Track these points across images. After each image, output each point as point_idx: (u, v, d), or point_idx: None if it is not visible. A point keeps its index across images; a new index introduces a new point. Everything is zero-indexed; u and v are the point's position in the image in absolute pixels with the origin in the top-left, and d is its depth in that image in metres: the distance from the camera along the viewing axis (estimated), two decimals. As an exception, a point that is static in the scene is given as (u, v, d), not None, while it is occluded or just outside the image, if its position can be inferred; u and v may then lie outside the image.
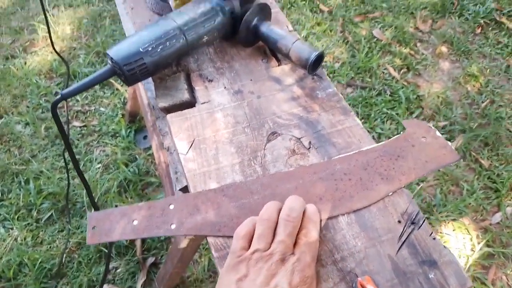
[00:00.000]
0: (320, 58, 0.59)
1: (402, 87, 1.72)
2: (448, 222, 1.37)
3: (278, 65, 0.64)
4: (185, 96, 0.59)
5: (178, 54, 0.59)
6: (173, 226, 0.47)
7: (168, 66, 0.60)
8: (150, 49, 0.55)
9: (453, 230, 1.35)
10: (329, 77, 1.76)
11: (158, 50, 0.56)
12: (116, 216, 0.48)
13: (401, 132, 0.55)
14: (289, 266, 0.39)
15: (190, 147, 0.54)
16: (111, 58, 0.55)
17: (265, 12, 0.63)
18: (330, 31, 1.96)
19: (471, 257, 1.28)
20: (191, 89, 0.61)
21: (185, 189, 0.59)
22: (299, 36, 0.65)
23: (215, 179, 0.51)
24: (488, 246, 1.31)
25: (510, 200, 1.42)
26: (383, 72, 1.79)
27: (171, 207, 0.49)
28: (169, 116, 0.57)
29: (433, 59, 1.86)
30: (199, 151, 0.54)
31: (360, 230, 0.48)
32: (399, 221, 0.48)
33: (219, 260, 0.45)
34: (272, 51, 0.66)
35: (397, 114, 1.63)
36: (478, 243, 1.31)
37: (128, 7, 0.72)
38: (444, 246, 0.47)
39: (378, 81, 1.75)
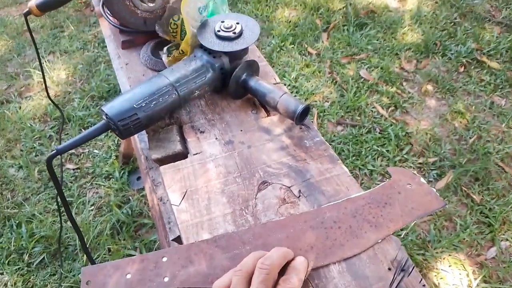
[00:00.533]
0: (306, 110, 0.61)
1: (391, 125, 1.76)
2: (444, 258, 1.36)
3: (267, 116, 0.67)
4: (178, 147, 0.61)
5: (171, 108, 0.61)
6: (166, 279, 0.48)
7: (161, 119, 0.63)
8: (143, 104, 0.58)
9: (449, 266, 1.35)
10: (320, 116, 1.81)
11: (152, 105, 0.58)
12: (109, 270, 0.49)
13: (387, 180, 0.57)
14: None
15: (183, 198, 0.55)
16: (106, 114, 0.57)
17: (253, 68, 0.66)
18: (319, 72, 2.03)
19: (469, 295, 1.28)
20: (184, 141, 0.63)
21: (178, 239, 0.59)
22: (286, 89, 0.68)
23: (208, 229, 0.52)
24: (485, 281, 1.30)
25: (503, 235, 1.43)
26: (372, 111, 1.84)
27: (164, 259, 0.49)
28: (162, 168, 0.58)
29: (420, 97, 1.93)
30: (192, 202, 0.55)
31: (352, 278, 0.48)
32: (389, 269, 0.49)
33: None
34: (261, 103, 0.69)
35: (387, 151, 1.66)
36: (475, 279, 1.31)
37: (123, 62, 0.76)
38: (434, 293, 0.48)
39: (367, 119, 1.79)
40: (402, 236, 1.39)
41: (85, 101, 1.89)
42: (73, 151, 1.70)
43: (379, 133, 1.74)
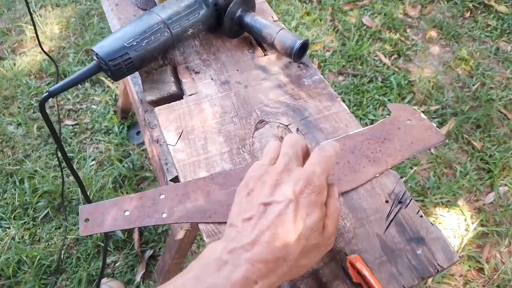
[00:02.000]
0: (304, 46, 0.59)
1: (393, 73, 1.73)
2: (443, 204, 1.38)
3: (264, 55, 0.65)
4: (172, 88, 0.59)
5: (164, 47, 0.59)
6: (164, 215, 0.48)
7: (154, 60, 0.61)
8: (135, 43, 0.55)
9: (448, 212, 1.37)
10: (321, 66, 1.77)
11: (143, 44, 0.56)
12: (108, 208, 0.49)
13: (387, 116, 0.56)
14: (293, 176, 0.38)
15: (179, 138, 0.55)
16: (97, 54, 0.55)
17: (248, 3, 0.63)
18: (320, 20, 1.96)
19: (466, 237, 1.30)
20: (178, 82, 0.61)
21: (175, 180, 0.60)
22: (283, 25, 0.65)
23: (205, 168, 0.52)
24: (482, 225, 1.33)
25: (502, 180, 1.44)
26: (374, 59, 1.80)
27: (162, 196, 0.50)
28: (157, 109, 0.57)
29: (423, 44, 1.87)
30: (188, 142, 0.54)
31: (349, 211, 0.49)
32: (387, 201, 0.49)
33: (211, 246, 0.46)
34: (257, 41, 0.67)
35: (389, 100, 1.64)
36: (472, 223, 1.33)
37: (113, 3, 0.72)
38: (431, 223, 0.48)
39: (369, 68, 1.75)
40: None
41: (80, 56, 1.84)
42: (70, 106, 1.68)
43: (381, 82, 1.71)
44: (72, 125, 1.63)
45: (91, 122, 1.63)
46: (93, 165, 1.49)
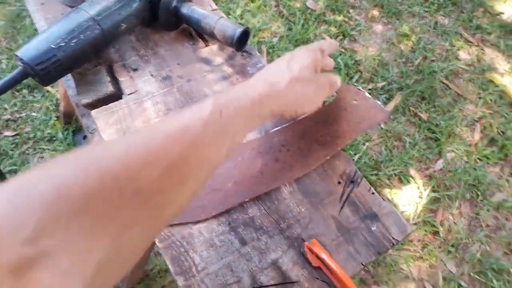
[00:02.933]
0: (245, 34, 0.58)
1: (340, 54, 1.76)
2: (396, 175, 1.44)
3: (206, 46, 0.63)
4: (109, 89, 0.56)
5: (95, 45, 0.55)
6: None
7: (87, 60, 0.57)
8: (63, 44, 0.52)
9: (401, 182, 1.43)
10: (269, 52, 1.76)
11: (72, 44, 0.52)
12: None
13: (333, 98, 0.56)
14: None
15: (123, 140, 0.52)
16: (21, 59, 0.51)
17: (183, -8, 0.61)
18: (265, 6, 1.95)
19: (420, 204, 1.37)
20: (115, 81, 0.58)
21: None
22: (222, 14, 0.63)
23: (153, 169, 0.50)
24: (434, 191, 1.40)
25: (449, 147, 1.52)
26: (321, 41, 1.82)
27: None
28: (93, 112, 0.54)
29: (366, 23, 1.91)
30: (133, 144, 0.52)
31: (303, 197, 0.49)
32: (339, 182, 0.50)
33: (164, 250, 0.44)
34: (197, 32, 0.65)
35: (338, 80, 1.66)
36: (425, 190, 1.40)
37: (38, 3, 0.67)
38: (383, 199, 0.49)
39: (317, 51, 1.77)
40: (355, 159, 1.44)
41: (13, 61, 1.72)
42: (8, 116, 1.57)
43: (329, 63, 1.73)
44: (12, 136, 1.52)
45: (32, 131, 1.53)
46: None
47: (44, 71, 0.51)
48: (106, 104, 0.55)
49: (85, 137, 1.49)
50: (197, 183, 0.31)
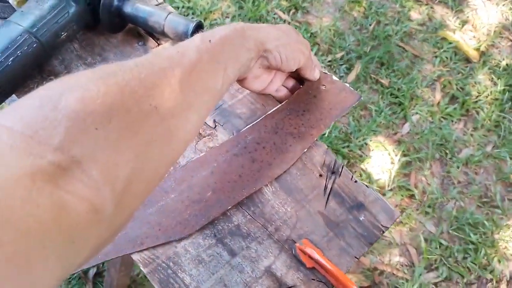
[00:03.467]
0: (199, 28, 0.54)
1: (295, 28, 1.73)
2: (367, 145, 1.46)
3: (158, 45, 0.58)
4: (61, 106, 0.50)
5: (36, 60, 0.49)
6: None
7: (29, 77, 0.51)
8: (-3, 64, 0.46)
9: (372, 150, 1.45)
10: (223, 35, 1.70)
11: (9, 62, 0.46)
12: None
13: (301, 86, 0.54)
14: None
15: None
16: (-50, 88, 0.44)
17: (125, -11, 0.55)
18: (211, -14, 1.87)
19: (393, 170, 1.40)
20: (66, 97, 0.53)
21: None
22: (170, 8, 0.58)
23: (123, 190, 0.46)
24: (404, 155, 1.43)
25: (413, 109, 1.55)
26: (274, 18, 1.77)
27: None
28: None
29: (316, -7, 1.88)
30: (96, 165, 0.47)
31: (286, 195, 0.47)
32: (320, 175, 0.48)
33: (151, 274, 0.41)
34: (146, 31, 0.59)
35: (297, 56, 1.64)
36: (396, 155, 1.43)
37: (-42, 15, 0.59)
38: (367, 186, 0.48)
39: (272, 28, 1.73)
40: (326, 134, 1.44)
41: None
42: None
43: (285, 39, 1.70)
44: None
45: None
46: None
47: (-20, 99, 0.45)
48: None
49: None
50: (201, 110, 0.34)
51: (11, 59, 0.47)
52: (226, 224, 0.44)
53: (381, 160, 1.43)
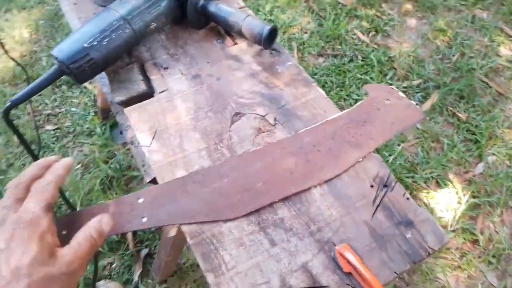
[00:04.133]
0: (273, 32, 0.57)
1: (373, 51, 1.71)
2: (433, 179, 1.38)
3: (234, 44, 0.62)
4: (141, 87, 0.56)
5: (127, 44, 0.56)
6: (144, 220, 0.46)
7: (120, 58, 0.58)
8: (95, 43, 0.52)
9: (438, 186, 1.37)
10: (300, 49, 1.74)
11: (104, 43, 0.53)
12: (85, 218, 0.47)
13: (364, 98, 0.54)
14: (3, 227, 0.37)
15: (153, 138, 0.52)
16: (56, 58, 0.52)
17: (212, -10, 0.60)
18: (294, 2, 1.93)
19: (459, 210, 1.31)
20: (147, 79, 0.59)
21: (154, 181, 0.57)
22: (250, 11, 0.62)
23: (183, 167, 0.50)
24: (473, 197, 1.33)
25: (490, 150, 1.44)
26: (352, 38, 1.77)
27: (140, 200, 0.47)
28: (126, 109, 0.54)
29: (400, 18, 1.85)
30: (163, 141, 0.52)
31: (334, 199, 0.47)
32: (372, 186, 0.48)
33: (195, 246, 0.44)
34: (225, 30, 0.64)
35: (371, 78, 1.62)
36: (464, 195, 1.34)
37: (71, 2, 0.68)
38: (419, 205, 0.47)
39: (349, 47, 1.73)
40: (390, 161, 1.39)
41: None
42: (49, 111, 1.64)
43: (361, 60, 1.69)
44: (53, 130, 1.58)
45: (72, 125, 1.58)
46: (78, 168, 1.45)
47: (79, 69, 0.52)
48: (138, 101, 0.55)
49: (121, 132, 1.53)
50: None
51: (106, 39, 0.54)
52: (271, 215, 0.46)
53: (447, 198, 1.34)
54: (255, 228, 0.45)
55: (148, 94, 0.57)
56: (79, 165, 1.47)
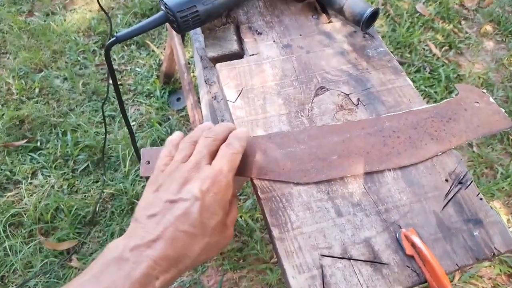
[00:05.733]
0: (374, 15, 0.57)
1: (443, 65, 1.66)
2: (479, 205, 1.34)
3: (329, 22, 0.63)
4: (234, 47, 0.59)
5: (230, 4, 0.59)
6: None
7: (219, 17, 0.60)
8: (204, -4, 0.55)
9: (483, 213, 1.33)
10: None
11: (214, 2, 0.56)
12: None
13: (453, 96, 0.54)
14: (202, 174, 0.39)
15: (239, 95, 0.55)
16: (165, 4, 0.55)
17: (320, -35, 0.62)
18: (372, 2, 1.90)
19: (500, 241, 1.26)
20: (240, 41, 0.61)
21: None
22: (353, -8, 0.63)
23: (263, 127, 0.52)
24: (518, 231, 1.28)
25: (545, 188, 1.38)
26: (424, 49, 1.73)
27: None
28: (218, 65, 0.57)
29: (477, 38, 1.79)
30: (247, 100, 0.54)
31: (406, 185, 0.48)
32: (446, 180, 0.48)
33: (265, 201, 0.46)
34: (323, 8, 0.65)
35: (435, 92, 1.58)
36: (509, 227, 1.29)
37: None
38: (491, 207, 0.46)
39: (418, 57, 1.69)
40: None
41: (128, 18, 1.87)
42: (116, 66, 1.72)
43: (429, 73, 1.65)
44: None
45: (134, 84, 1.66)
46: (133, 125, 1.52)
47: (183, 19, 0.55)
48: (229, 60, 0.58)
49: (178, 99, 1.58)
50: None
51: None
52: (341, 187, 0.47)
53: (491, 225, 1.30)
54: (324, 196, 0.47)
55: (239, 55, 0.59)
56: (134, 122, 1.54)
